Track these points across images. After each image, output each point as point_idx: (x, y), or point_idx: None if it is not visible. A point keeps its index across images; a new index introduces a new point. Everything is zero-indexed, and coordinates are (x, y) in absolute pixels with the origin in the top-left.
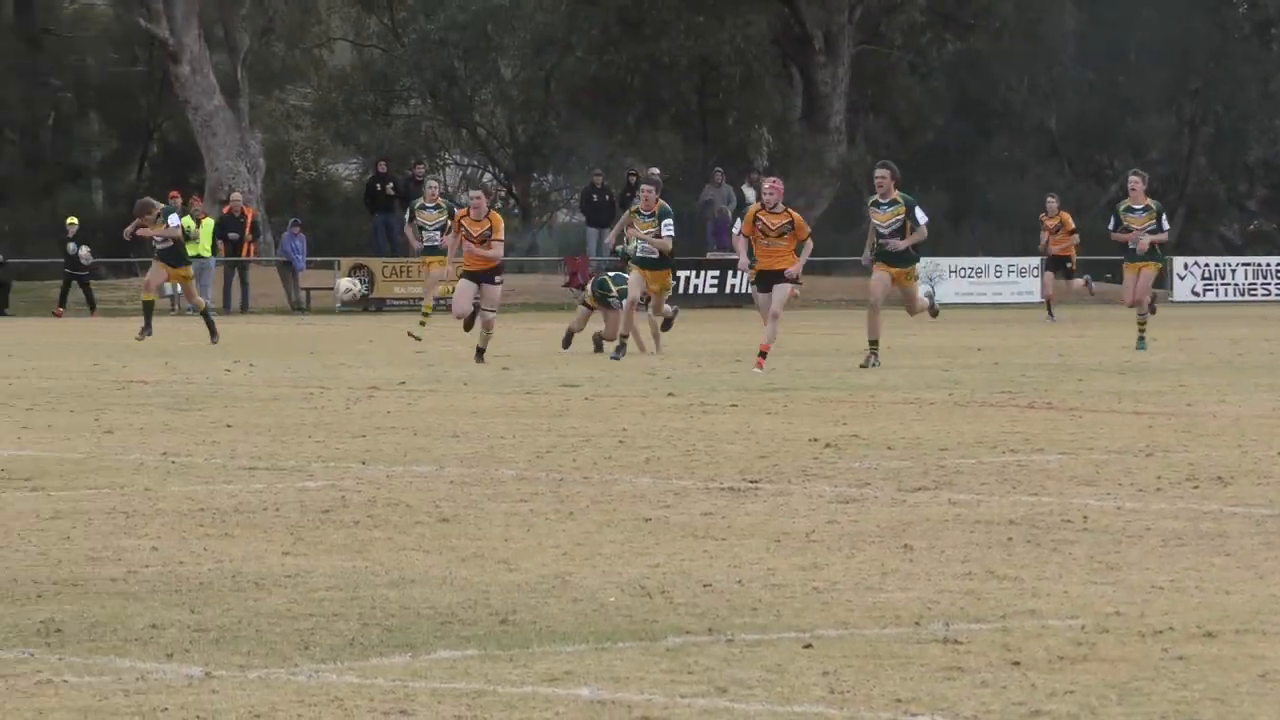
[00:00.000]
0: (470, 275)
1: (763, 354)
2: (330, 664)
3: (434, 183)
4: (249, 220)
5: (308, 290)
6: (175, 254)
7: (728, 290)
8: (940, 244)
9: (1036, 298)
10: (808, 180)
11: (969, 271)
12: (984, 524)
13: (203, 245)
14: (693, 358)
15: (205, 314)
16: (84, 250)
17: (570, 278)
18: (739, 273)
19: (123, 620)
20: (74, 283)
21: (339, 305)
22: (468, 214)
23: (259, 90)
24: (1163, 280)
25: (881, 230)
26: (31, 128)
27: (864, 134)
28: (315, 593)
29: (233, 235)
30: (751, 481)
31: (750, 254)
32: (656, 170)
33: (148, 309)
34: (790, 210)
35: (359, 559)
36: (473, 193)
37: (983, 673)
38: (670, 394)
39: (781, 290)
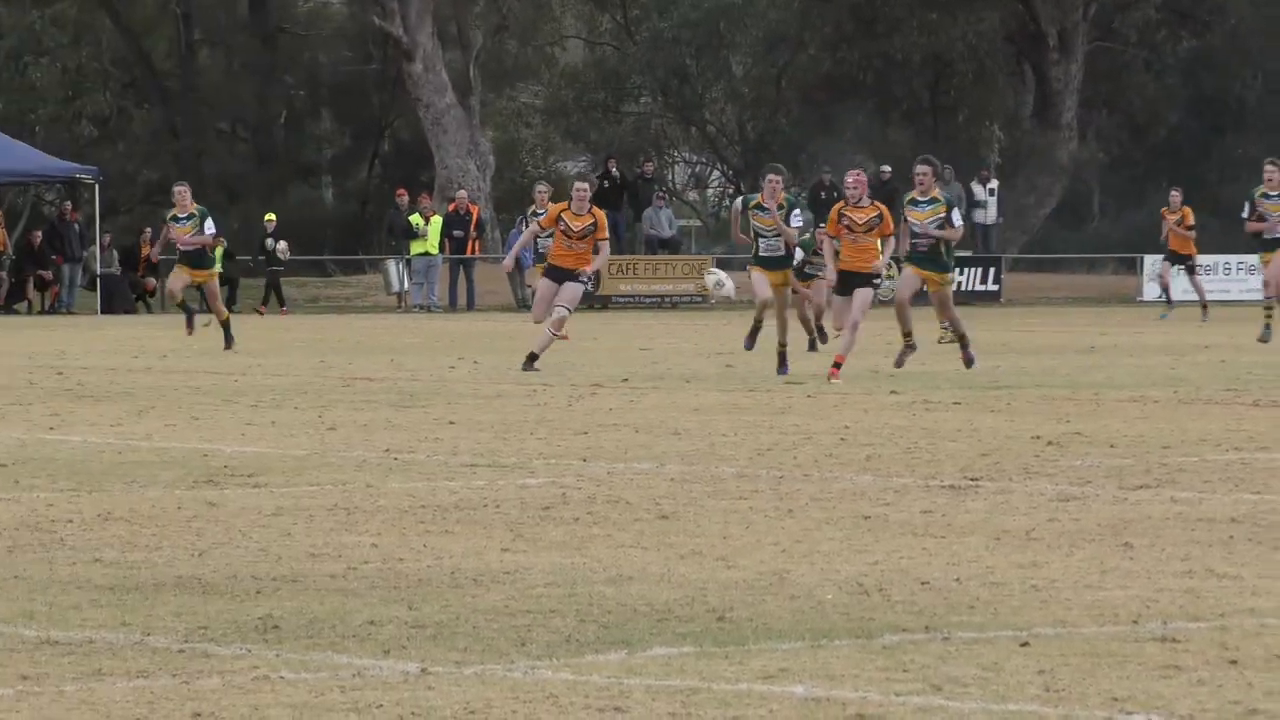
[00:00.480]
0: (555, 273)
1: (837, 365)
2: (546, 661)
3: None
4: (474, 217)
5: (532, 288)
6: (199, 256)
7: (955, 287)
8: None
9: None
10: (1038, 177)
11: (1200, 268)
12: (1205, 522)
13: (430, 243)
14: (920, 355)
15: (225, 325)
16: (281, 245)
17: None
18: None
19: (341, 617)
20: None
21: (712, 301)
22: (568, 207)
23: (490, 88)
24: None
25: (916, 229)
26: (264, 125)
27: (1096, 131)
28: (533, 589)
29: (457, 233)
30: (972, 479)
31: (835, 256)
32: (888, 168)
33: (186, 309)
34: (878, 203)
35: (577, 556)
36: (578, 185)
37: (1200, 671)
38: (893, 391)
39: (864, 295)
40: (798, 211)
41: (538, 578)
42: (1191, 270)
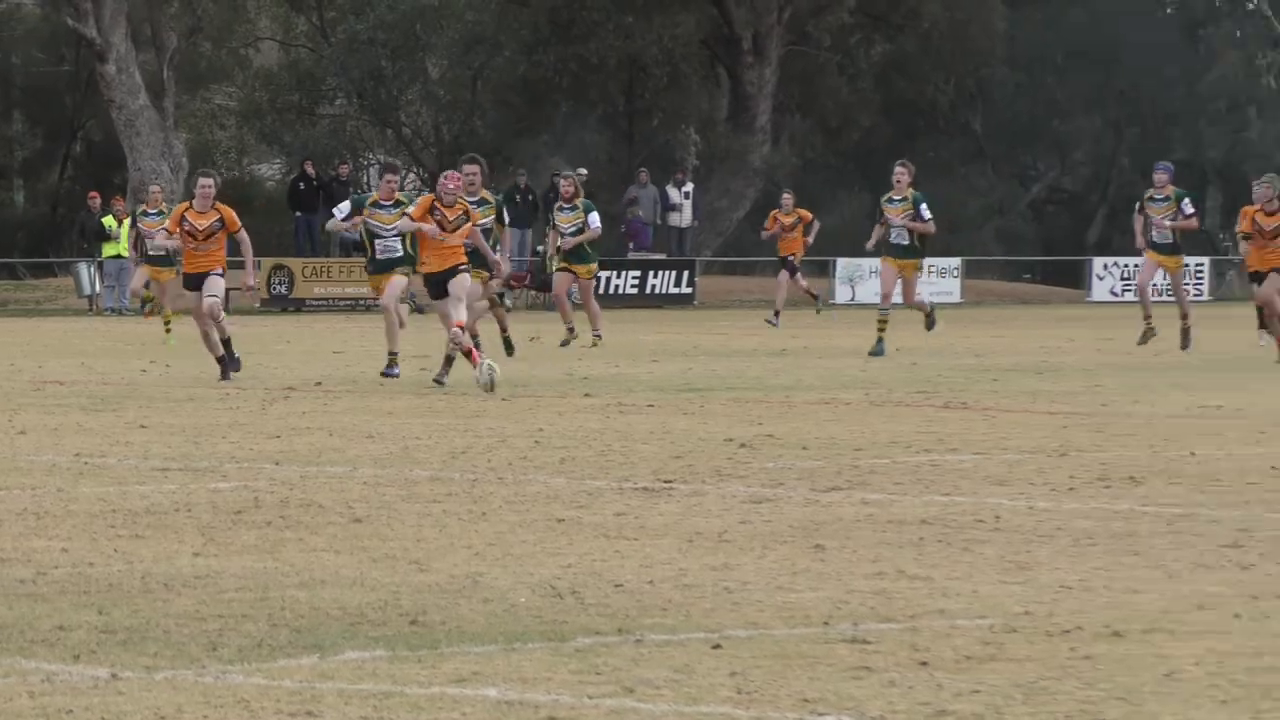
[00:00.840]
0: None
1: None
2: (238, 665)
3: (565, 180)
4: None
5: (227, 290)
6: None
7: (648, 290)
8: (861, 246)
9: (956, 298)
10: (732, 181)
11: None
12: (896, 524)
13: (123, 245)
14: (610, 358)
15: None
16: None
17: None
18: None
19: (30, 621)
20: None
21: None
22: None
23: (184, 90)
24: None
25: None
26: None
27: (790, 135)
28: (224, 594)
29: None
30: (665, 482)
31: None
32: (584, 170)
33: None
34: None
35: (270, 560)
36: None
37: (890, 672)
38: (587, 394)
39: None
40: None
41: (229, 582)
42: (793, 272)
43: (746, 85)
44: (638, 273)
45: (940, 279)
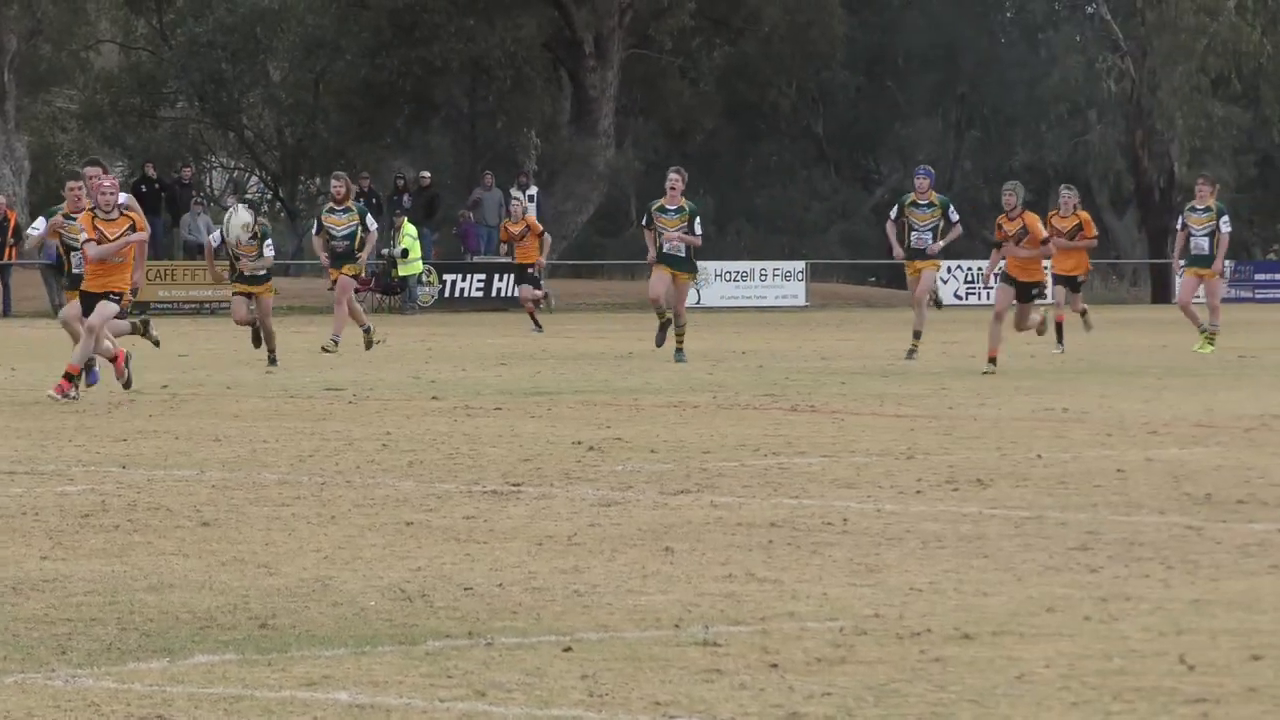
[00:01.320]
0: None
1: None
2: (88, 669)
3: (337, 182)
4: (11, 223)
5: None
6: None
7: (493, 294)
8: (708, 248)
9: (802, 301)
10: (576, 184)
11: (735, 275)
12: (745, 526)
13: None
14: (457, 361)
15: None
16: None
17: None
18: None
19: None
20: None
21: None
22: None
23: (25, 93)
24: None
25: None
26: None
27: (633, 138)
28: (73, 597)
29: None
30: (514, 485)
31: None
32: (428, 174)
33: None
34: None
35: (118, 563)
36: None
37: (741, 675)
38: (434, 397)
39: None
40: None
41: (78, 585)
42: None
43: (589, 88)
44: (483, 276)
45: (785, 282)
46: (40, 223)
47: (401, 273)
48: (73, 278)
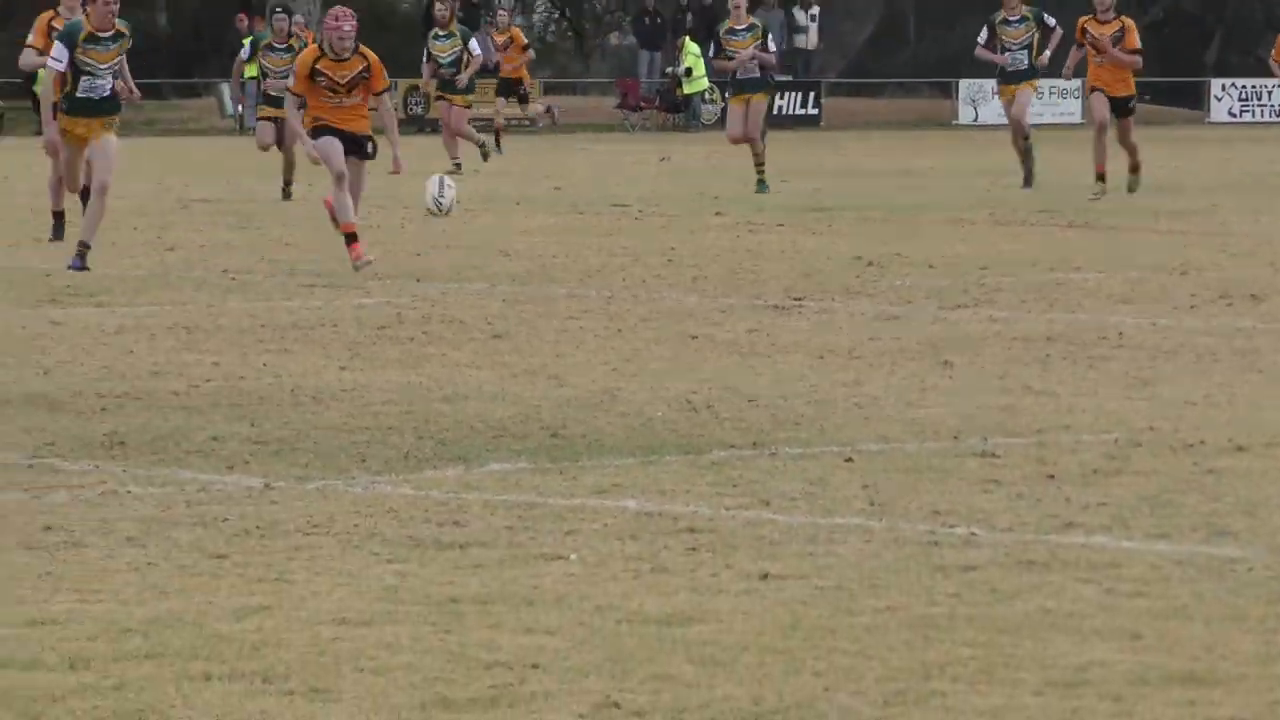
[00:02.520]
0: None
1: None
2: (386, 476)
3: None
4: (308, 42)
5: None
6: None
7: (775, 111)
8: (983, 66)
9: (1077, 119)
10: (855, 2)
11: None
12: (1022, 340)
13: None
14: (740, 178)
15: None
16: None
17: (622, 99)
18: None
19: (185, 433)
20: None
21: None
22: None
23: None
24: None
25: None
26: None
27: None
28: (371, 407)
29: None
30: (796, 299)
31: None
32: None
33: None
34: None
35: (414, 374)
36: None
37: (1018, 486)
38: (718, 213)
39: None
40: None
41: (375, 395)
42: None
43: None
44: None
45: (1062, 99)
46: (61, 52)
47: (686, 91)
48: (76, 101)
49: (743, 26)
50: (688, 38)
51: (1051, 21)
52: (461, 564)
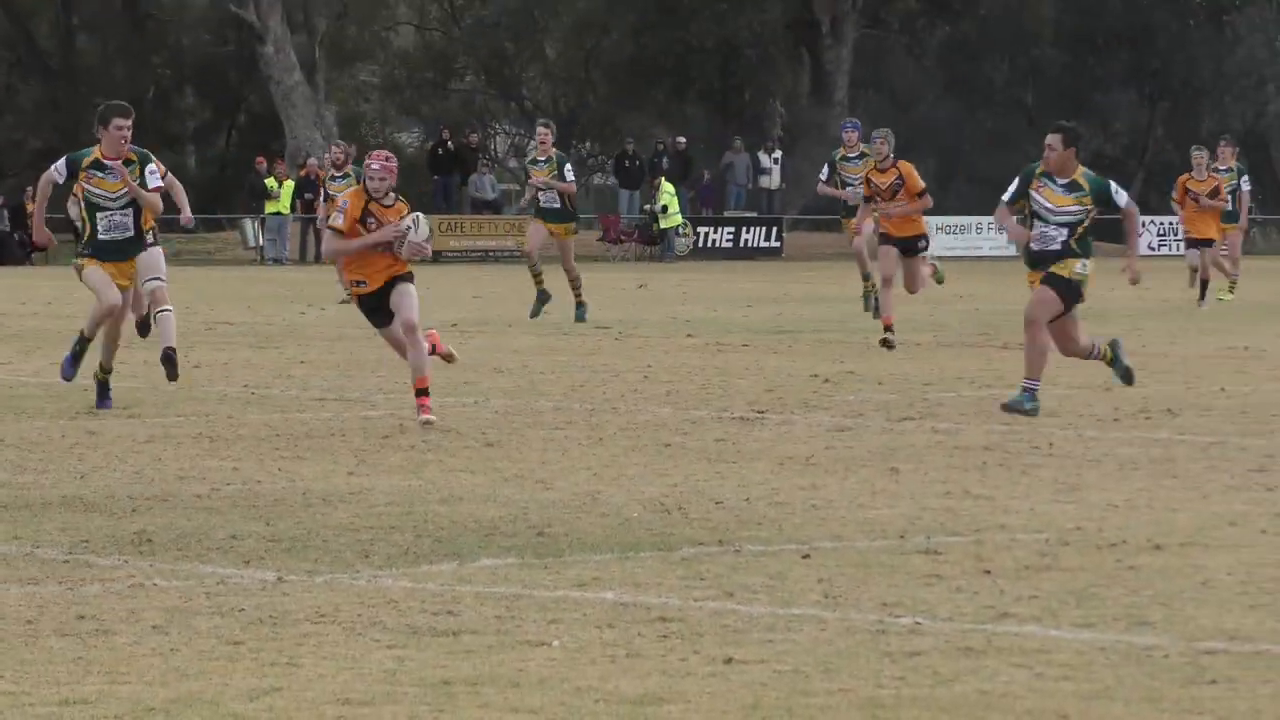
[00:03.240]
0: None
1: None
2: (387, 570)
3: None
4: (320, 182)
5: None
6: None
7: (741, 244)
8: (933, 205)
9: (1013, 251)
10: (814, 149)
11: (954, 229)
12: (962, 449)
13: (283, 204)
14: (709, 303)
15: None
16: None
17: (605, 232)
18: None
19: (206, 532)
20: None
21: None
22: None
23: (334, 67)
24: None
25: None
26: (135, 100)
27: (864, 108)
28: (375, 508)
29: (308, 195)
30: (759, 412)
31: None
32: (684, 139)
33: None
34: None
35: (414, 479)
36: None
37: (958, 580)
38: (689, 335)
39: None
40: (569, 166)
41: (379, 498)
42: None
43: (826, 64)
44: (732, 229)
45: (998, 234)
46: (61, 168)
47: (662, 225)
48: (100, 245)
49: (543, 158)
50: (663, 179)
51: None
52: (455, 650)
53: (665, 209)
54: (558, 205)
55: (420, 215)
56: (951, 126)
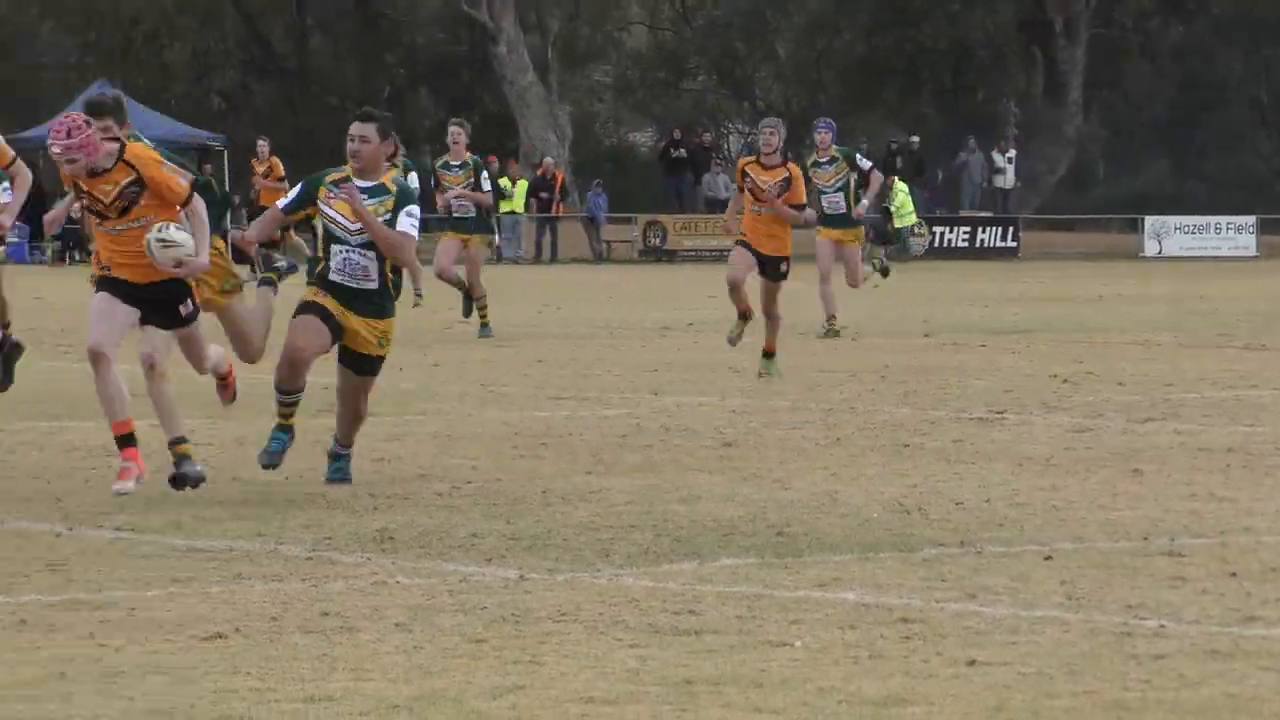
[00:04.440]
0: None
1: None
2: (627, 569)
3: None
4: (558, 182)
5: (608, 243)
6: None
7: (977, 244)
8: (1168, 204)
9: (1252, 251)
10: (1048, 148)
11: (1192, 229)
12: (1205, 451)
13: (517, 203)
14: (946, 303)
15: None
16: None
17: None
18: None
19: (448, 529)
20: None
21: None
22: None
23: (566, 68)
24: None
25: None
26: (369, 100)
27: (1098, 108)
28: (614, 507)
29: (543, 195)
30: (997, 412)
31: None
32: (917, 138)
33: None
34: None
35: (652, 477)
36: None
37: (1203, 582)
38: (926, 335)
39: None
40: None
41: (618, 496)
42: None
43: (1059, 64)
44: (968, 228)
45: (1237, 234)
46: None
47: (896, 225)
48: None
49: (457, 163)
50: (896, 178)
51: (866, 164)
52: (696, 649)
53: (899, 208)
54: (472, 214)
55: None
56: (1185, 126)
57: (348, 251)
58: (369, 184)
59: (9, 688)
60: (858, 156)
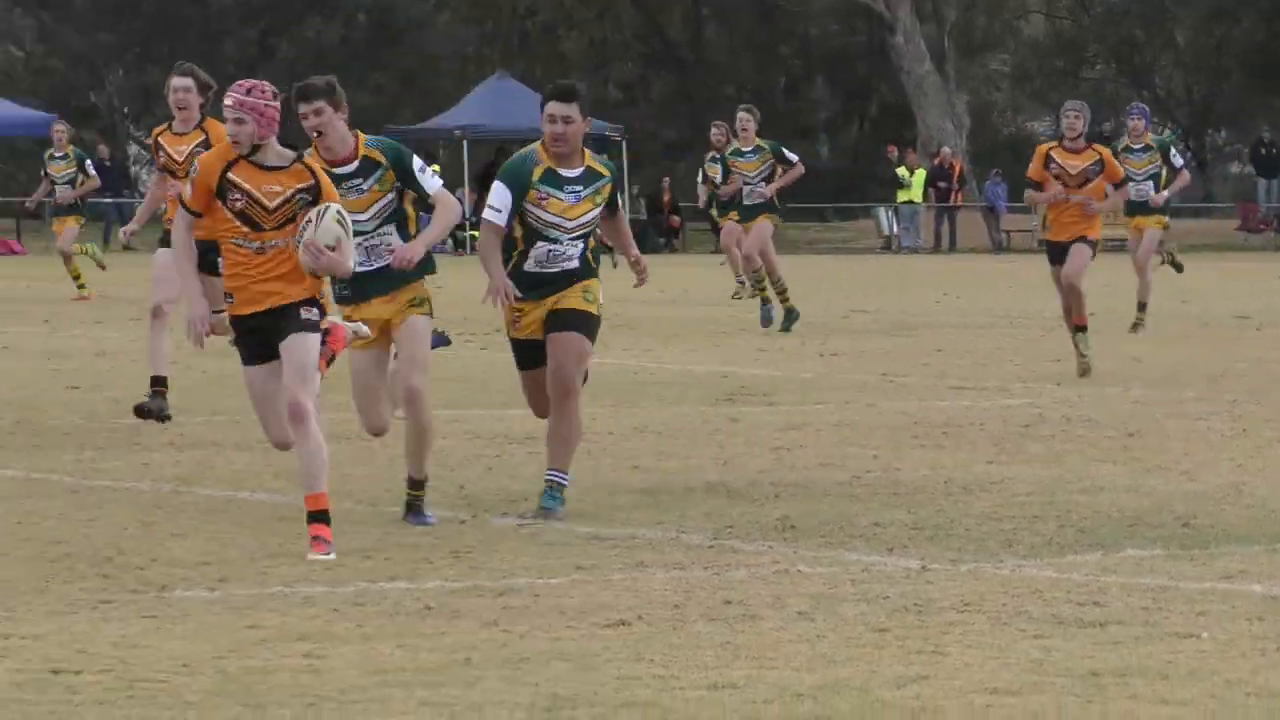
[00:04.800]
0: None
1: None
2: (1031, 560)
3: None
4: (956, 171)
5: (1008, 232)
6: None
7: None
8: None
9: None
10: None
11: None
12: None
13: (915, 192)
14: None
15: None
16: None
17: (1242, 221)
18: None
19: (849, 519)
20: None
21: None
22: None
23: (963, 57)
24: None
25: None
26: (765, 91)
27: None
28: (1016, 497)
29: (941, 184)
30: None
31: None
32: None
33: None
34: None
35: (1055, 468)
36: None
37: None
38: None
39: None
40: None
41: (1020, 487)
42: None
43: None
44: None
45: None
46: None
47: None
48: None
49: (748, 148)
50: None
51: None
52: (1101, 640)
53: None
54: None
55: (332, 207)
56: None
57: (552, 246)
58: (575, 171)
59: (414, 673)
60: (1172, 151)
